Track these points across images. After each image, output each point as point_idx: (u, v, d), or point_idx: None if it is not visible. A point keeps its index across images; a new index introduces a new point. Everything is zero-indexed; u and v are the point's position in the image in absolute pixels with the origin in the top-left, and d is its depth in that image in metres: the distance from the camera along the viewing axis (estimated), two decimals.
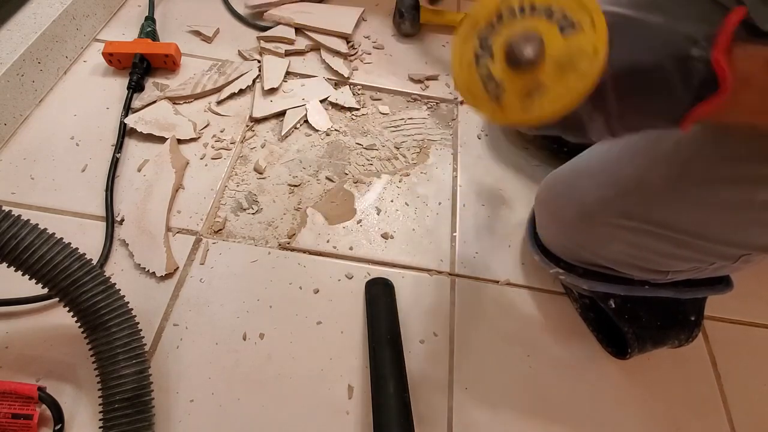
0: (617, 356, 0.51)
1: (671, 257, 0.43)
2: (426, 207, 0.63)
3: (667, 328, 0.50)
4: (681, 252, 0.42)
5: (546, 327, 0.54)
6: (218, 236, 0.57)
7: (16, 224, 0.38)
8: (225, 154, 0.64)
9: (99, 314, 0.41)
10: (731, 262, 0.43)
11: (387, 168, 0.66)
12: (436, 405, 0.48)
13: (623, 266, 0.46)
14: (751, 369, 0.54)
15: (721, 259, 0.43)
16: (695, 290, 0.49)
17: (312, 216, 0.60)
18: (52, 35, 0.67)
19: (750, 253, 0.41)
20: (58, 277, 0.39)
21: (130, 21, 0.78)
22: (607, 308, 0.50)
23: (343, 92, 0.73)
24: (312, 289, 0.54)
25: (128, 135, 0.64)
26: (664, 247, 0.42)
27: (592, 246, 0.47)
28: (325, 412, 0.47)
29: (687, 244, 0.41)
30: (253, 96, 0.71)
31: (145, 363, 0.42)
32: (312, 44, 0.79)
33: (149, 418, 0.42)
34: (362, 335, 0.51)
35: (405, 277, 0.56)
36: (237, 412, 0.46)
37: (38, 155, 0.61)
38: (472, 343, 0.52)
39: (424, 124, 0.72)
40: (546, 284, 0.57)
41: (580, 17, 0.27)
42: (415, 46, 0.83)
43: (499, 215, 0.63)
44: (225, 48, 0.77)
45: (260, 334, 0.51)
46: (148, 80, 0.71)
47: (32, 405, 0.42)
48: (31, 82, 0.64)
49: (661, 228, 0.41)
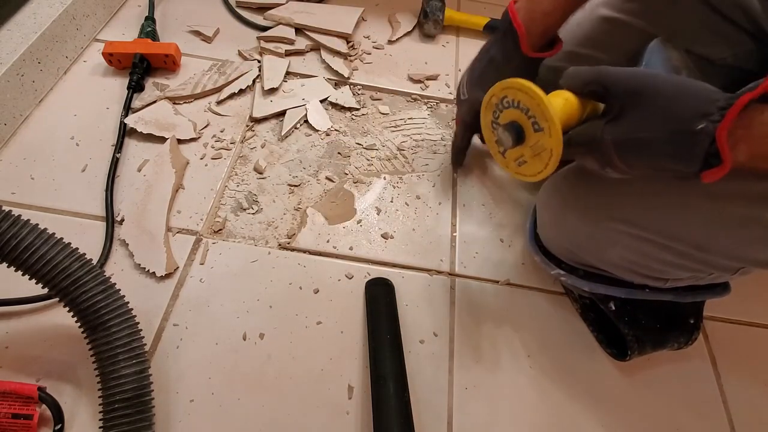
0: (617, 358, 0.51)
1: (672, 266, 0.43)
2: (426, 207, 0.63)
3: (667, 331, 0.50)
4: (682, 262, 0.42)
5: (546, 327, 0.54)
6: (218, 236, 0.57)
7: (16, 224, 0.38)
8: (225, 154, 0.64)
9: (99, 314, 0.40)
10: (730, 273, 0.43)
11: (387, 168, 0.66)
12: (436, 405, 0.48)
13: (623, 271, 0.46)
14: (751, 369, 0.54)
15: (721, 271, 0.43)
16: (695, 294, 0.49)
17: (312, 216, 0.60)
18: (52, 35, 0.67)
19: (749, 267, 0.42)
20: (58, 277, 0.39)
21: (130, 21, 0.78)
22: (607, 310, 0.50)
23: (343, 92, 0.73)
24: (312, 289, 0.54)
25: (128, 135, 0.64)
26: (665, 257, 0.42)
27: (593, 250, 0.47)
28: (325, 412, 0.47)
29: (689, 255, 0.41)
30: (253, 96, 0.71)
31: (145, 363, 0.42)
32: (312, 44, 0.79)
33: (149, 418, 0.42)
34: (362, 335, 0.51)
35: (405, 277, 0.56)
36: (237, 412, 0.46)
37: (38, 155, 0.61)
38: (472, 343, 0.52)
39: (424, 124, 0.72)
40: (546, 284, 0.57)
41: (543, 124, 0.36)
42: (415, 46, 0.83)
43: (499, 215, 0.63)
44: (225, 48, 0.77)
45: (260, 334, 0.51)
46: (148, 80, 0.71)
47: (32, 405, 0.42)
48: (31, 82, 0.64)
49: (664, 238, 0.41)
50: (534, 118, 0.36)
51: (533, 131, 0.37)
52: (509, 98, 0.38)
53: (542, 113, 0.35)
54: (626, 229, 0.42)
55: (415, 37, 0.84)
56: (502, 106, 0.39)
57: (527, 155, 0.39)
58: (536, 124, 0.36)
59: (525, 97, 0.36)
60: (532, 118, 0.36)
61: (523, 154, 0.39)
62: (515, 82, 0.36)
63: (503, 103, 0.39)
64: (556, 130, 0.34)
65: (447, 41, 0.85)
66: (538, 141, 0.37)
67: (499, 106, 0.39)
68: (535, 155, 0.38)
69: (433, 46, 0.83)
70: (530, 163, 0.39)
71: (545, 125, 0.35)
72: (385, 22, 0.86)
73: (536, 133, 0.36)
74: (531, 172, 0.39)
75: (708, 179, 0.30)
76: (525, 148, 0.38)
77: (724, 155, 0.29)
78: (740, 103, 0.28)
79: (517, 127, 0.38)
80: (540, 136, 0.36)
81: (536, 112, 0.36)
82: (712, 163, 0.30)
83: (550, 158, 0.36)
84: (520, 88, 0.36)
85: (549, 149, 0.36)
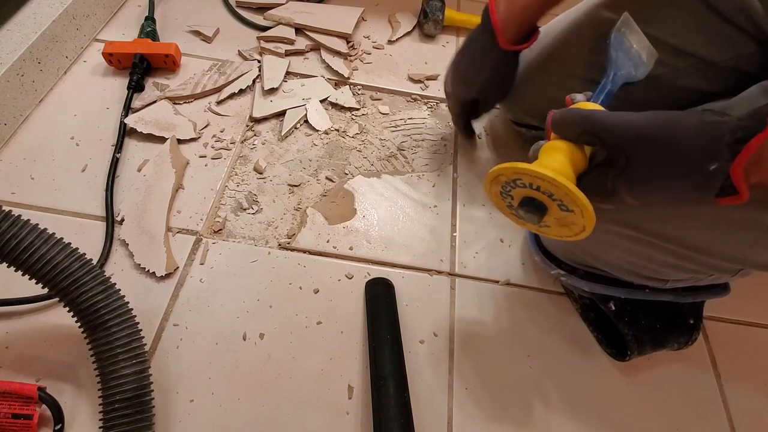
0: (617, 358, 0.51)
1: (672, 268, 0.43)
2: (426, 207, 0.63)
3: (667, 332, 0.50)
4: (682, 264, 0.42)
5: (546, 327, 0.54)
6: (218, 236, 0.57)
7: (16, 224, 0.38)
8: (225, 154, 0.64)
9: (99, 314, 0.40)
10: (730, 275, 0.43)
11: (387, 168, 0.66)
12: (436, 405, 0.48)
13: (623, 272, 0.47)
14: (751, 369, 0.54)
15: (720, 273, 0.43)
16: (694, 295, 0.49)
17: (312, 216, 0.60)
18: (52, 35, 0.66)
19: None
20: (58, 277, 0.39)
21: (130, 21, 0.78)
22: (607, 310, 0.50)
23: (343, 92, 0.73)
24: (312, 289, 0.54)
25: (128, 135, 0.64)
26: (665, 259, 0.42)
27: (593, 251, 0.47)
28: (325, 412, 0.47)
29: (689, 257, 0.41)
30: (253, 96, 0.71)
31: (145, 363, 0.42)
32: (312, 44, 0.79)
33: (149, 418, 0.42)
34: (362, 335, 0.51)
35: (405, 277, 0.56)
36: (237, 412, 0.46)
37: (38, 155, 0.61)
38: (472, 343, 0.52)
39: (424, 124, 0.72)
40: (546, 284, 0.57)
41: (572, 207, 0.33)
42: (415, 46, 0.83)
43: (499, 215, 0.63)
44: (225, 48, 0.77)
45: (260, 334, 0.51)
46: (148, 80, 0.71)
47: (32, 405, 0.42)
48: (31, 82, 0.64)
49: (664, 240, 0.41)
50: (560, 201, 0.33)
51: (559, 210, 0.34)
52: (524, 181, 0.34)
53: (572, 201, 0.32)
54: (626, 232, 0.42)
55: (415, 37, 0.84)
56: (514, 185, 0.35)
57: (552, 224, 0.37)
58: (563, 206, 0.34)
59: (548, 185, 0.33)
60: (557, 201, 0.33)
61: (546, 221, 0.37)
62: (530, 170, 0.32)
63: (516, 183, 0.35)
64: (590, 214, 0.32)
65: (447, 41, 0.85)
66: (566, 217, 0.34)
67: (511, 185, 0.36)
68: (561, 225, 0.36)
69: (433, 46, 0.83)
70: (553, 229, 0.37)
71: (576, 209, 0.33)
72: (385, 22, 0.86)
73: (563, 211, 0.34)
74: (556, 234, 0.37)
75: (723, 203, 0.31)
76: (549, 218, 0.36)
77: (740, 189, 0.29)
78: (752, 146, 0.28)
79: (539, 205, 0.35)
80: (568, 215, 0.34)
81: (563, 198, 0.33)
82: (728, 192, 0.30)
83: (582, 231, 0.35)
84: (541, 177, 0.32)
85: (581, 225, 0.34)
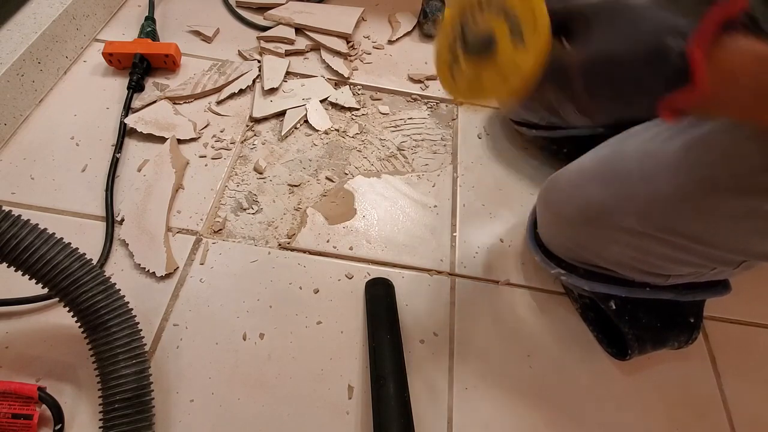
0: (617, 357, 0.51)
1: (673, 261, 0.43)
2: (426, 207, 0.63)
3: (667, 330, 0.50)
4: (683, 257, 0.42)
5: (546, 327, 0.54)
6: (218, 236, 0.57)
7: (16, 224, 0.38)
8: (225, 154, 0.64)
9: (99, 314, 0.40)
10: (732, 267, 0.43)
11: (387, 168, 0.66)
12: (436, 405, 0.48)
13: (624, 268, 0.46)
14: (751, 369, 0.54)
15: (723, 265, 0.43)
16: (695, 293, 0.49)
17: (312, 216, 0.60)
18: (52, 35, 0.67)
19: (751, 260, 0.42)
20: (58, 277, 0.39)
21: (130, 21, 0.78)
22: (608, 309, 0.50)
23: (343, 92, 0.73)
24: (312, 289, 0.54)
25: (128, 135, 0.64)
26: (666, 252, 0.42)
27: (593, 247, 0.47)
28: (325, 412, 0.47)
29: (690, 249, 0.41)
30: (253, 96, 0.71)
31: (145, 363, 0.42)
32: (312, 44, 0.79)
33: (149, 418, 0.42)
34: (362, 335, 0.51)
35: (405, 277, 0.56)
36: (237, 412, 0.46)
37: (38, 155, 0.61)
38: (472, 343, 0.52)
39: (424, 124, 0.72)
40: (546, 284, 0.57)
41: (528, 36, 0.30)
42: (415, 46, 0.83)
43: (499, 215, 0.63)
44: (225, 48, 0.77)
45: (260, 334, 0.51)
46: (148, 80, 0.71)
47: (32, 405, 0.42)
48: (31, 82, 0.64)
49: (665, 233, 0.41)
50: (519, 26, 0.31)
51: (511, 45, 0.31)
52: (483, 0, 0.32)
53: (533, 21, 0.30)
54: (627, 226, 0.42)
55: (415, 37, 0.84)
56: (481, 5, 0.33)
57: (486, 76, 0.33)
58: (515, 31, 0.31)
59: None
60: (511, 20, 0.31)
61: (481, 75, 0.34)
62: None
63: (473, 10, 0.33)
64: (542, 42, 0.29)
65: None
66: (511, 58, 0.31)
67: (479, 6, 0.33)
68: (502, 76, 0.32)
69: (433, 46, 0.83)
70: (487, 85, 0.34)
71: (531, 37, 0.30)
72: (385, 22, 0.86)
73: (511, 49, 0.31)
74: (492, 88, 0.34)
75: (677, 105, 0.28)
76: (491, 63, 0.33)
77: (696, 72, 0.26)
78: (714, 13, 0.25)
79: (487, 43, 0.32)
80: (516, 53, 0.31)
81: (525, 18, 0.30)
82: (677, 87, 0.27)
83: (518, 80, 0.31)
84: None
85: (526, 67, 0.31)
